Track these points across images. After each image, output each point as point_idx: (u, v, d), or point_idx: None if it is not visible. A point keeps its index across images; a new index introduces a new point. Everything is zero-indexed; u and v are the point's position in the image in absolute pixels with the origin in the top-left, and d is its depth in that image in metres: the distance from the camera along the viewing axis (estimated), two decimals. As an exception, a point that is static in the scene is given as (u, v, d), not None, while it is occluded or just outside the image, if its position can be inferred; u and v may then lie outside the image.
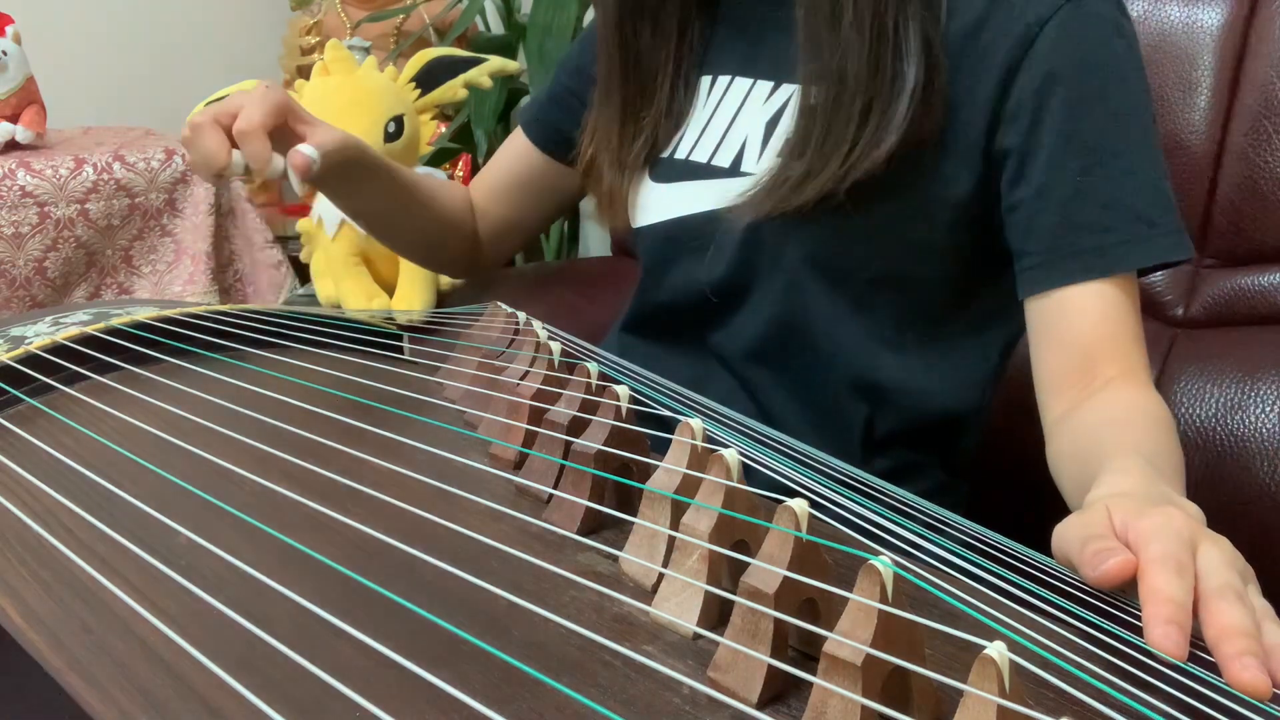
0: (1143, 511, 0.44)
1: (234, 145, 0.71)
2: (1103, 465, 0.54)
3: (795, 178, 0.68)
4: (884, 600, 0.35)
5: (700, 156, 0.77)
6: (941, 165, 0.68)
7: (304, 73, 1.76)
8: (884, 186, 0.67)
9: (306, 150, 0.71)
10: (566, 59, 0.94)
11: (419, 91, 1.55)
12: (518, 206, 0.99)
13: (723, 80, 0.79)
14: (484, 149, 1.77)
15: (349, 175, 0.80)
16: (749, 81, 0.76)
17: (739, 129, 0.76)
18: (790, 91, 0.73)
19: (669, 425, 0.49)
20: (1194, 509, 0.47)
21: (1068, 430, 0.65)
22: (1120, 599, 0.43)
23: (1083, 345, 0.65)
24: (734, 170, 0.74)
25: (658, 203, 0.79)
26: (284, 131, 0.73)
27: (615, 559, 0.48)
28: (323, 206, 1.30)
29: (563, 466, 0.53)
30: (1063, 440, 0.65)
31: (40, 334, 0.72)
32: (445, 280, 1.49)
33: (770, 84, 0.74)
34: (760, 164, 0.73)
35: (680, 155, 0.79)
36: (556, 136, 0.93)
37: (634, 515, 0.47)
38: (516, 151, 0.97)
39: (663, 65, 0.79)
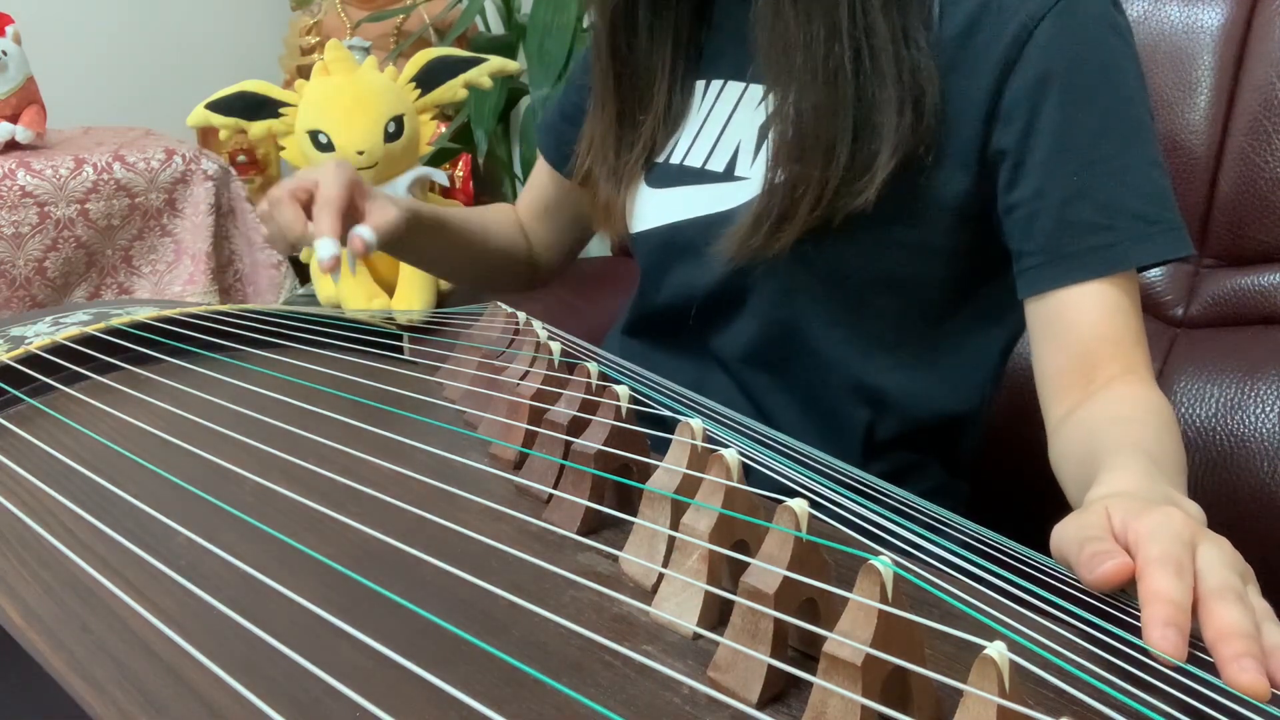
0: (1142, 511, 0.44)
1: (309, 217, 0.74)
2: (1103, 463, 0.54)
3: (772, 223, 0.68)
4: (884, 600, 0.35)
5: (695, 161, 0.77)
6: (937, 169, 0.68)
7: (304, 73, 1.75)
8: (878, 192, 0.67)
9: (364, 234, 0.74)
10: (574, 75, 0.94)
11: (419, 91, 1.55)
12: (554, 227, 1.00)
13: (716, 84, 0.78)
14: (484, 149, 1.78)
15: (405, 242, 0.82)
16: (741, 85, 0.76)
17: (732, 133, 0.75)
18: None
19: (669, 425, 0.49)
20: (1194, 508, 0.47)
21: (1069, 429, 0.65)
22: (1120, 599, 0.43)
23: (1084, 345, 0.65)
24: (728, 175, 0.74)
25: (654, 208, 0.79)
26: (349, 207, 0.76)
27: (615, 559, 0.48)
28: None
29: (563, 466, 0.53)
30: (1064, 440, 0.65)
31: (40, 334, 0.72)
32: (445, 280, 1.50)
33: (762, 88, 0.74)
34: (754, 168, 0.73)
35: (675, 160, 0.78)
36: (572, 155, 0.92)
37: (634, 515, 0.47)
38: (542, 173, 0.98)
39: (659, 70, 0.79)
